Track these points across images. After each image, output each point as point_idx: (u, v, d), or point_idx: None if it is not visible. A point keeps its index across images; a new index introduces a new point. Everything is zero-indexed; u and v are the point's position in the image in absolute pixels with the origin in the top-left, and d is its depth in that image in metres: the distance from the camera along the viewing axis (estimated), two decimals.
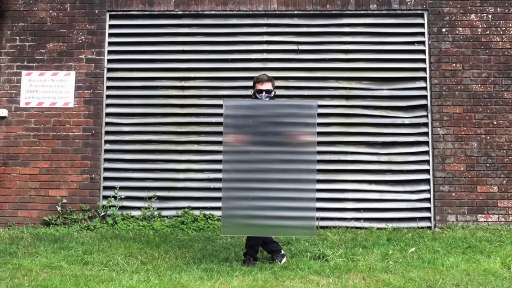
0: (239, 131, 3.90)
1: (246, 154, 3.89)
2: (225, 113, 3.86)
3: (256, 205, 3.84)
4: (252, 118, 3.88)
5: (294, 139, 3.91)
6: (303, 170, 3.88)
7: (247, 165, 3.88)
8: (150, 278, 3.74)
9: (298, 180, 3.89)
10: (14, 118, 5.79)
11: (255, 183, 3.88)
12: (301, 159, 3.89)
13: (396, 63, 5.80)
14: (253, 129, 3.88)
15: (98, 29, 5.86)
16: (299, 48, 5.82)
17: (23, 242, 4.95)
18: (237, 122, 3.90)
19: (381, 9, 5.79)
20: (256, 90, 4.14)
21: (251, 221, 3.85)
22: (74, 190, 5.71)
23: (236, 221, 3.86)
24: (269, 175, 3.87)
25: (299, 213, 3.87)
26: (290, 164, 3.89)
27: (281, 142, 3.90)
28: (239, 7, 5.82)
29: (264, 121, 3.90)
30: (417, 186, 5.70)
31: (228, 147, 3.87)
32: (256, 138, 3.89)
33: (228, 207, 3.86)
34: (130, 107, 5.85)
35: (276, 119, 3.92)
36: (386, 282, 3.62)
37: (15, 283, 3.61)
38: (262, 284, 3.59)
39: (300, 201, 3.87)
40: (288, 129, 3.92)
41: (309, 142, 3.89)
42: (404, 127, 5.76)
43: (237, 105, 3.98)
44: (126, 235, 5.21)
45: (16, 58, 5.85)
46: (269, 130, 3.89)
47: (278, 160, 3.88)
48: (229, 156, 3.86)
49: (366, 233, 5.29)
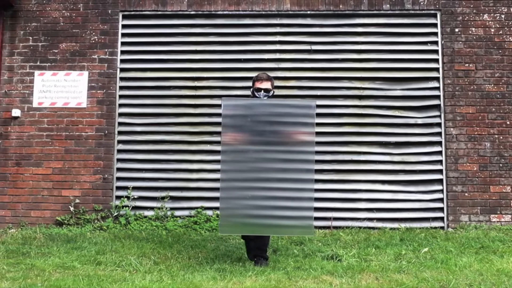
0: (238, 131, 3.89)
1: (244, 154, 3.88)
2: (223, 112, 3.86)
3: (254, 205, 3.85)
4: (250, 118, 3.88)
5: (292, 138, 3.91)
6: (301, 169, 3.88)
7: (245, 165, 3.88)
8: (163, 278, 3.74)
9: (296, 180, 3.89)
10: (27, 118, 5.79)
11: (253, 182, 3.88)
12: (299, 159, 3.90)
13: (409, 63, 5.80)
14: (251, 128, 3.87)
15: (111, 29, 5.85)
16: (312, 48, 5.82)
17: (36, 242, 4.95)
18: (235, 121, 3.89)
19: (394, 9, 5.79)
20: (255, 88, 4.13)
21: (249, 220, 3.86)
22: (87, 190, 5.71)
23: (234, 220, 3.87)
24: (267, 174, 3.87)
25: (297, 212, 3.87)
26: (288, 164, 3.89)
27: (279, 142, 3.90)
28: (252, 7, 5.82)
29: (262, 120, 3.89)
30: (430, 186, 5.70)
31: (226, 147, 3.87)
32: (255, 137, 3.89)
33: (226, 206, 3.86)
34: (143, 107, 5.85)
35: (275, 118, 3.91)
36: (399, 282, 3.61)
37: (28, 283, 3.61)
38: (275, 284, 3.59)
39: (298, 201, 3.87)
40: (287, 129, 3.91)
41: (307, 142, 3.89)
42: (417, 127, 5.75)
43: (235, 105, 3.96)
44: (139, 235, 5.21)
45: (29, 58, 5.85)
46: (268, 130, 3.89)
47: (276, 160, 3.88)
48: (227, 156, 3.86)
49: (379, 233, 5.28)
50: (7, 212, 5.70)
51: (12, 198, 5.71)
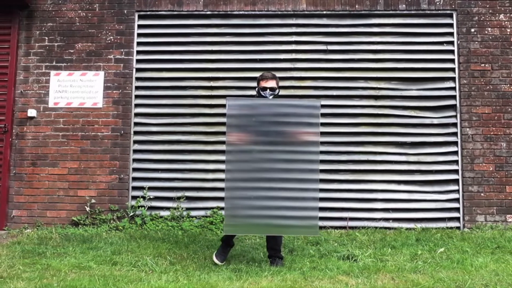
0: (242, 130, 3.89)
1: (249, 154, 3.89)
2: (228, 112, 3.86)
3: (259, 205, 3.85)
4: (255, 117, 3.88)
5: (297, 138, 3.90)
6: (306, 170, 3.88)
7: (250, 165, 3.88)
8: (179, 278, 3.74)
9: (300, 180, 3.89)
10: (42, 118, 5.79)
11: (257, 182, 3.88)
12: (304, 159, 3.89)
13: (425, 63, 5.79)
14: (256, 128, 3.88)
15: (127, 29, 5.85)
16: (327, 48, 5.82)
17: (52, 242, 4.95)
18: (240, 121, 3.89)
19: (410, 9, 5.79)
20: (260, 87, 4.13)
21: (254, 220, 3.87)
22: (103, 190, 5.71)
23: (239, 220, 3.87)
24: (272, 174, 3.88)
25: (302, 212, 3.87)
26: (292, 164, 3.90)
27: (284, 142, 3.90)
28: (268, 7, 5.82)
29: (267, 120, 3.89)
30: (446, 186, 5.69)
31: (231, 147, 3.86)
32: (259, 137, 3.89)
33: (231, 206, 3.86)
34: (159, 107, 5.84)
35: (279, 118, 3.91)
36: (415, 282, 3.62)
37: (44, 283, 3.62)
38: (291, 284, 3.59)
39: (302, 201, 3.88)
40: (291, 129, 3.91)
41: (312, 142, 3.89)
42: (433, 127, 5.75)
43: (240, 104, 3.95)
44: (155, 235, 5.21)
45: (45, 58, 5.84)
46: (272, 130, 3.89)
47: (281, 160, 3.89)
48: (232, 155, 3.86)
49: (395, 233, 5.28)
50: (23, 212, 5.70)
51: (28, 198, 5.71)
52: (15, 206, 5.71)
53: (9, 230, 5.60)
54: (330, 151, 5.74)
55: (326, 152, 5.74)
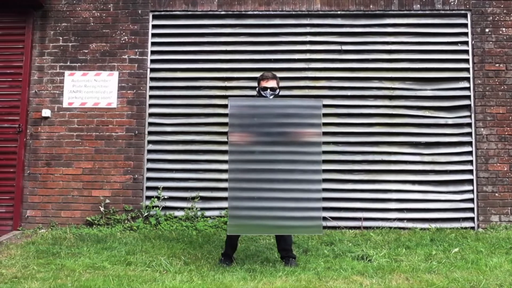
0: (244, 131, 3.88)
1: (251, 154, 3.89)
2: (230, 112, 3.85)
3: (262, 205, 3.85)
4: (257, 117, 3.87)
5: (299, 139, 3.90)
6: (309, 170, 3.87)
7: (252, 165, 3.88)
8: (193, 278, 3.74)
9: (303, 181, 3.88)
10: (57, 118, 5.79)
11: (260, 183, 3.88)
12: (307, 160, 3.88)
13: (439, 63, 5.79)
14: (258, 128, 3.87)
15: (141, 29, 5.85)
16: (342, 48, 5.81)
17: (66, 242, 4.95)
18: (242, 121, 3.88)
19: (424, 9, 5.79)
20: (261, 87, 4.12)
21: (257, 221, 3.86)
22: (117, 190, 5.71)
23: (242, 220, 3.86)
24: (274, 175, 3.87)
25: (306, 213, 3.87)
26: (295, 165, 3.89)
27: (286, 142, 3.89)
28: (282, 7, 5.82)
29: (269, 120, 3.88)
30: (461, 186, 5.69)
31: (234, 147, 3.86)
32: (261, 137, 3.89)
33: (234, 206, 3.85)
34: (173, 107, 5.84)
35: (282, 118, 3.91)
36: (430, 282, 3.61)
37: (58, 284, 3.61)
38: (305, 284, 3.59)
39: (306, 202, 3.87)
40: (293, 129, 3.91)
41: (314, 142, 3.89)
42: (448, 128, 5.75)
43: (242, 105, 3.95)
44: (169, 235, 5.20)
45: (59, 58, 5.84)
46: (274, 130, 3.89)
47: (284, 160, 3.88)
48: (235, 155, 3.85)
49: (410, 234, 5.28)
50: (37, 212, 5.70)
51: (42, 198, 5.71)
52: (29, 206, 5.71)
53: (23, 230, 5.60)
54: (345, 151, 5.75)
55: (340, 152, 5.75)
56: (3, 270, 3.95)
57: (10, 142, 5.78)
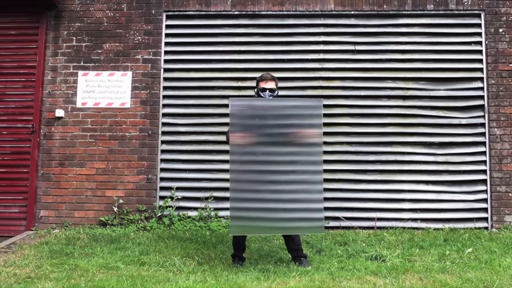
0: (246, 131, 3.88)
1: (253, 154, 3.88)
2: (230, 112, 3.84)
3: (263, 206, 3.84)
4: (258, 118, 3.87)
5: (299, 139, 3.89)
6: (310, 171, 3.87)
7: (253, 166, 3.88)
8: (206, 278, 3.74)
9: (305, 181, 3.88)
10: (70, 118, 5.79)
11: (261, 184, 3.87)
12: (308, 160, 3.88)
13: (453, 63, 5.79)
14: (258, 128, 3.87)
15: (155, 29, 5.85)
16: (356, 48, 5.81)
17: (80, 242, 4.95)
18: (243, 121, 3.88)
19: (438, 9, 5.78)
20: (260, 88, 4.12)
21: (259, 221, 3.86)
22: (130, 190, 5.71)
23: (244, 221, 3.86)
24: (275, 176, 3.87)
25: (307, 213, 3.87)
26: (296, 165, 3.89)
27: (287, 142, 3.89)
28: (295, 7, 5.81)
29: (269, 120, 3.88)
30: (474, 186, 5.69)
31: (235, 147, 3.85)
32: (262, 138, 3.88)
33: (236, 207, 3.84)
34: (187, 107, 5.84)
35: (282, 118, 3.90)
36: (443, 282, 3.61)
37: (72, 284, 3.61)
38: (319, 284, 3.59)
39: (307, 202, 3.87)
40: (294, 129, 3.90)
41: (315, 143, 3.88)
42: (461, 128, 5.74)
43: (242, 105, 3.94)
44: (182, 235, 5.20)
45: (73, 59, 5.84)
46: (275, 130, 3.88)
47: (285, 161, 3.88)
48: (236, 156, 3.85)
49: (423, 234, 5.28)
50: (50, 212, 5.70)
51: (55, 198, 5.71)
52: (43, 206, 5.71)
53: (37, 230, 5.60)
54: (358, 151, 5.75)
55: (354, 153, 5.75)
56: (16, 270, 3.95)
57: (23, 142, 5.78)
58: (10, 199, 5.73)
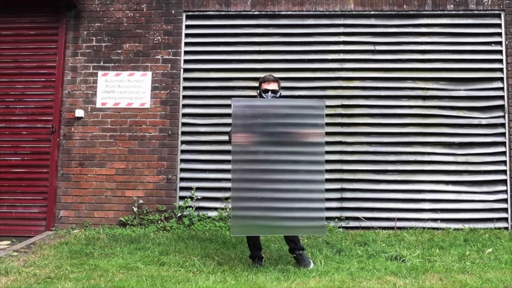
0: (247, 131, 3.87)
1: (255, 154, 3.88)
2: (233, 112, 3.84)
3: (265, 206, 3.84)
4: (260, 118, 3.86)
5: (302, 139, 3.89)
6: (312, 171, 3.87)
7: (255, 165, 3.87)
8: (226, 279, 3.73)
9: (306, 181, 3.88)
10: (90, 118, 5.79)
11: (263, 183, 3.87)
12: (310, 160, 3.88)
13: (473, 63, 5.78)
14: (261, 129, 3.86)
15: (175, 30, 5.84)
16: (375, 48, 5.81)
17: (99, 242, 4.95)
18: (245, 121, 3.87)
19: (458, 9, 5.78)
20: (262, 89, 4.12)
21: (261, 221, 3.86)
22: (150, 190, 5.70)
23: (245, 221, 3.85)
24: (277, 175, 3.87)
25: (308, 213, 3.87)
26: (298, 165, 3.88)
27: (289, 142, 3.88)
28: (315, 7, 5.81)
29: (272, 120, 3.87)
30: (494, 186, 5.69)
31: (237, 147, 3.84)
32: (264, 138, 3.87)
33: (237, 207, 3.84)
34: (207, 107, 5.84)
35: (285, 118, 3.90)
36: (463, 283, 3.61)
37: (92, 284, 3.61)
38: (339, 284, 3.59)
39: (309, 202, 3.87)
40: (296, 129, 3.90)
41: (317, 143, 3.88)
42: (481, 128, 5.74)
43: (245, 105, 3.93)
44: (202, 235, 5.20)
45: (92, 59, 5.84)
46: (277, 130, 3.88)
47: (287, 161, 3.87)
48: (238, 156, 3.84)
49: (443, 234, 5.28)
50: (70, 212, 5.70)
51: (75, 198, 5.71)
52: (62, 207, 5.71)
53: (56, 230, 5.60)
54: (378, 151, 5.74)
55: (374, 153, 5.75)
56: (36, 271, 3.95)
57: (43, 143, 5.78)
58: (30, 199, 5.73)
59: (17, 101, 5.84)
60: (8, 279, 3.75)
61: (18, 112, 5.82)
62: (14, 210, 5.73)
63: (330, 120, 5.75)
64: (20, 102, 5.84)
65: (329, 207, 5.67)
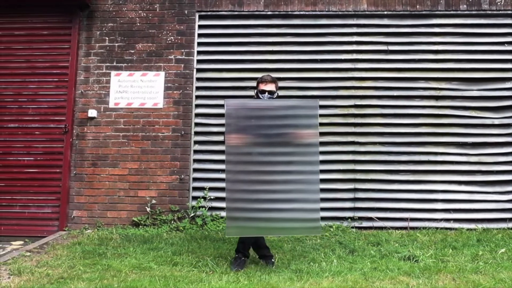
0: (241, 131, 3.86)
1: (249, 155, 3.87)
2: (226, 113, 3.83)
3: (260, 207, 3.84)
4: (254, 119, 3.85)
5: (295, 139, 3.88)
6: (306, 171, 3.86)
7: (249, 166, 3.86)
8: (239, 279, 3.73)
9: (301, 181, 3.88)
10: (103, 118, 5.79)
11: (257, 184, 3.86)
12: (304, 160, 3.87)
13: (486, 63, 5.79)
14: (254, 129, 3.85)
15: (188, 30, 5.84)
16: (388, 48, 5.81)
17: (112, 243, 4.94)
18: (239, 122, 3.86)
19: (471, 9, 5.78)
20: (259, 90, 4.10)
21: (256, 222, 3.85)
22: (163, 190, 5.70)
23: (240, 222, 3.84)
24: (272, 176, 3.87)
25: (304, 214, 3.87)
26: (293, 166, 3.88)
27: (283, 143, 3.88)
28: (328, 7, 5.81)
29: (265, 121, 3.87)
30: (507, 186, 5.69)
31: (231, 148, 3.83)
32: (258, 139, 3.87)
33: (232, 208, 3.83)
34: (220, 107, 5.79)
35: (278, 119, 3.89)
36: (476, 283, 3.61)
37: (105, 284, 3.61)
38: (352, 285, 3.59)
39: (304, 203, 3.87)
40: (290, 130, 3.89)
41: (311, 143, 3.88)
42: (494, 128, 5.74)
43: (238, 105, 3.93)
44: (215, 236, 5.20)
45: (105, 59, 5.84)
46: (271, 131, 3.87)
47: (281, 162, 3.87)
48: (232, 157, 3.83)
49: (456, 234, 5.28)
50: (83, 212, 5.70)
51: (88, 198, 5.71)
52: (75, 207, 5.71)
53: (69, 230, 5.60)
54: (391, 151, 5.74)
55: (386, 153, 5.75)
56: (49, 271, 3.95)
57: (56, 143, 5.78)
58: (42, 199, 5.73)
59: (30, 101, 5.84)
60: (21, 279, 3.75)
61: (31, 112, 5.82)
62: (27, 210, 5.73)
63: (343, 120, 5.76)
64: (33, 102, 5.84)
65: (342, 207, 5.69)
